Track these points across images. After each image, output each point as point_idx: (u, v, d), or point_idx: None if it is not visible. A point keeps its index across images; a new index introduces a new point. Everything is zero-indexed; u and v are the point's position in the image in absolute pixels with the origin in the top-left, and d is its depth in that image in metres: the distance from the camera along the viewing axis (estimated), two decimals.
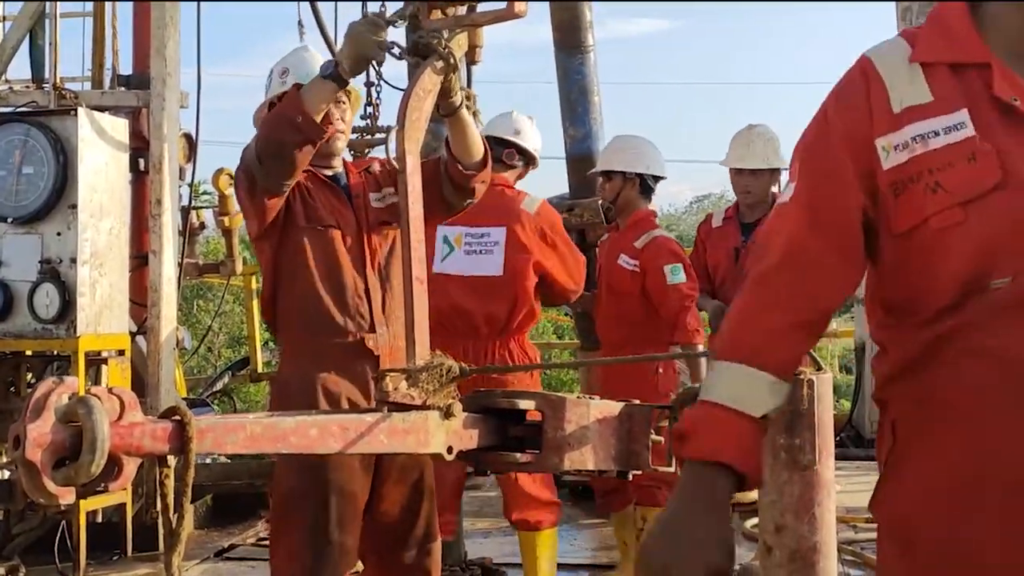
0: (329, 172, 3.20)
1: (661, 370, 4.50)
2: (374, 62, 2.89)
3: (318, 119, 2.91)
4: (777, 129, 5.17)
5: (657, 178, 4.82)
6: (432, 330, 3.93)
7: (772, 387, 1.61)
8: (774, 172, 5.09)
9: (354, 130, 6.34)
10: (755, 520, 5.20)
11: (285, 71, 3.24)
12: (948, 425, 1.53)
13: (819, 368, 2.16)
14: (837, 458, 2.28)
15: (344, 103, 3.21)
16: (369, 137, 6.18)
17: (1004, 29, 1.55)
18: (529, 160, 4.25)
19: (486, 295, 3.93)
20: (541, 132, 4.37)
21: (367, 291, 3.10)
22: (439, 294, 3.82)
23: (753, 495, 5.62)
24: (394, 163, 3.42)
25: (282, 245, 3.10)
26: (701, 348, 4.47)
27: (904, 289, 1.57)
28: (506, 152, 4.13)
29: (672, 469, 2.55)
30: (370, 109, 6.15)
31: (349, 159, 4.96)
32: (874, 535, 5.87)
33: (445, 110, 2.87)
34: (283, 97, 3.07)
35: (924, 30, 1.62)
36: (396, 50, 2.80)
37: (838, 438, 6.47)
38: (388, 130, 5.93)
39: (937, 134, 1.52)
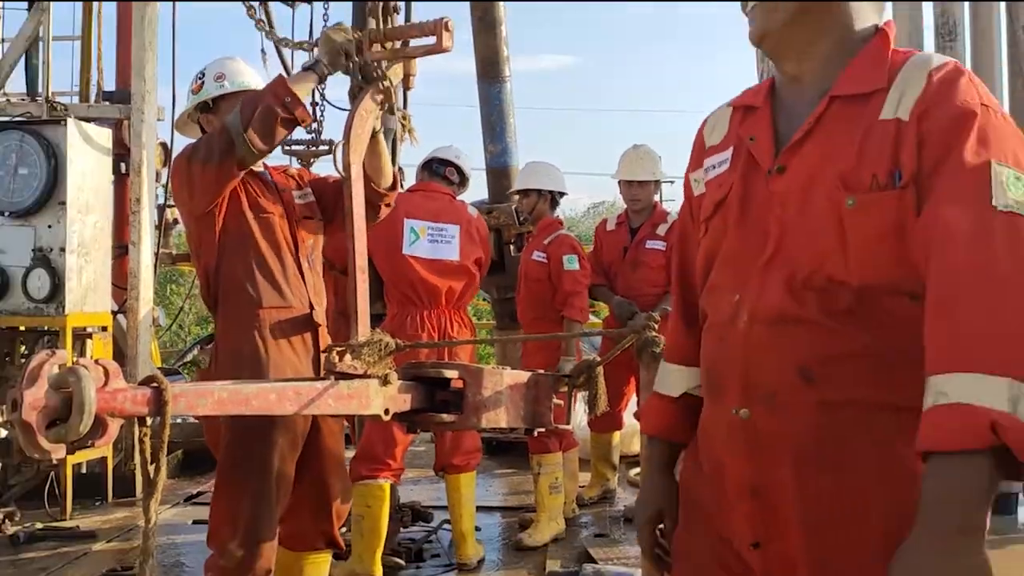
0: (258, 169, 3.04)
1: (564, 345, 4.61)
2: (321, 88, 2.84)
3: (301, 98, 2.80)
4: (657, 147, 5.27)
5: (562, 194, 5.01)
6: (401, 300, 4.02)
7: (680, 373, 1.65)
8: (657, 183, 5.19)
9: (300, 143, 6.28)
10: (638, 469, 5.30)
11: (221, 75, 3.07)
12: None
13: None
14: None
15: None
16: (314, 148, 6.13)
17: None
18: (463, 180, 4.36)
19: (447, 274, 4.11)
20: (465, 148, 4.52)
21: (301, 273, 3.00)
22: (410, 272, 4.03)
23: (637, 447, 5.71)
24: (310, 172, 3.40)
25: (227, 224, 2.90)
26: (582, 328, 4.75)
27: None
28: (448, 169, 4.30)
29: (570, 427, 2.60)
30: (315, 125, 6.12)
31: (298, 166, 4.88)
32: None
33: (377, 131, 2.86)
34: (222, 97, 3.01)
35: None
36: (348, 63, 2.77)
37: None
38: (330, 143, 5.88)
39: (715, 167, 1.55)
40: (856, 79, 1.39)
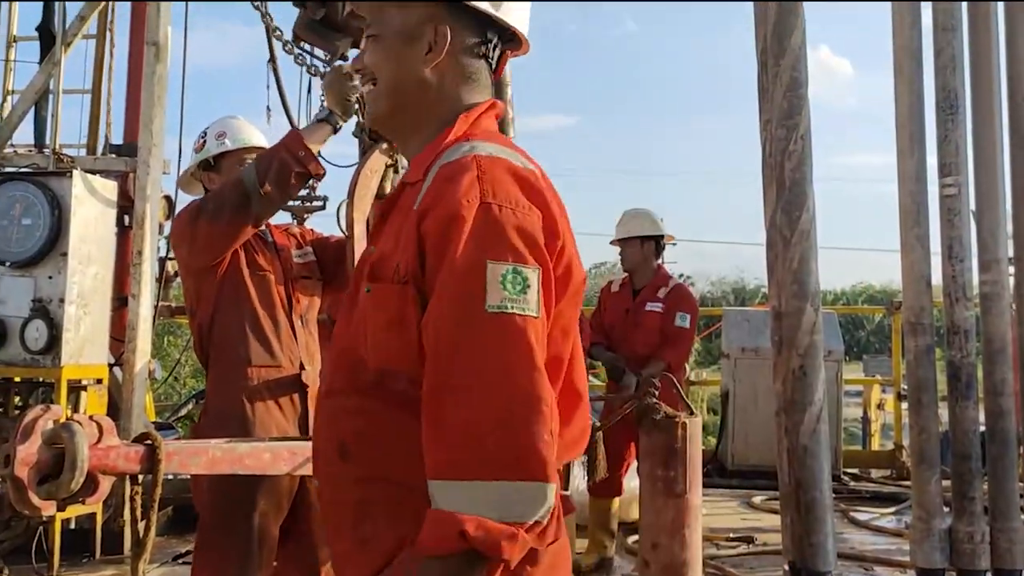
0: (260, 228, 3.04)
1: None
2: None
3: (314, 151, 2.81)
4: (660, 209, 5.33)
5: None
6: None
7: None
8: (645, 241, 5.21)
9: (294, 198, 6.31)
10: (636, 537, 5.23)
11: (223, 134, 3.10)
12: None
13: (691, 413, 2.20)
14: (704, 487, 2.31)
15: None
16: (308, 204, 6.16)
17: None
18: None
19: None
20: None
21: (294, 333, 2.99)
22: None
23: (635, 514, 5.66)
24: (313, 232, 3.41)
25: (224, 280, 2.91)
26: None
27: None
28: None
29: (567, 492, 2.57)
30: (310, 180, 6.15)
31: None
32: (733, 551, 5.86)
33: (378, 192, 2.87)
34: (223, 155, 3.04)
35: None
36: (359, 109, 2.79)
37: (705, 469, 6.57)
38: (324, 199, 5.91)
39: None
40: (415, 166, 1.44)
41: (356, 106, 2.79)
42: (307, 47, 3.37)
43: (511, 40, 1.53)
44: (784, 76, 4.63)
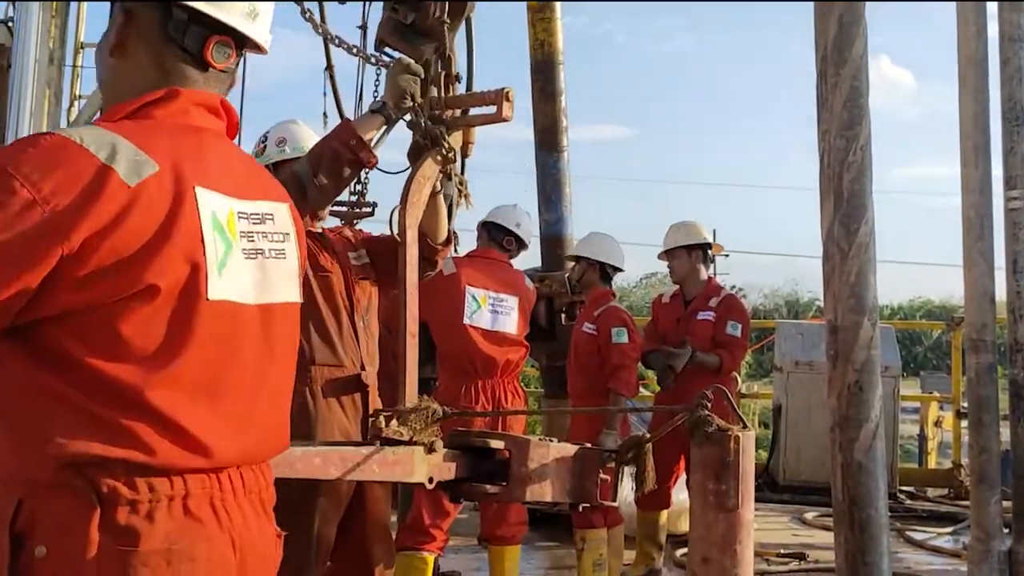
0: (316, 229, 3.07)
1: None
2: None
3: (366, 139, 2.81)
4: (713, 221, 5.27)
5: (616, 268, 4.96)
6: (455, 370, 4.02)
7: None
8: (691, 251, 5.16)
9: (344, 203, 6.36)
10: (684, 550, 5.17)
11: (283, 140, 3.11)
12: None
13: (744, 426, 2.16)
14: (755, 501, 2.27)
15: None
16: (357, 210, 6.20)
17: None
18: (522, 246, 4.38)
19: (505, 346, 4.13)
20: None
21: (355, 334, 3.01)
22: (468, 342, 4.02)
23: (685, 527, 5.59)
24: (362, 232, 3.44)
25: None
26: (626, 401, 4.68)
27: None
28: (507, 239, 4.30)
29: (615, 504, 2.55)
30: (359, 187, 6.21)
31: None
32: (785, 567, 5.78)
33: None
34: (284, 161, 3.05)
35: None
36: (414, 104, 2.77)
37: (756, 484, 6.49)
38: (374, 205, 5.94)
39: None
40: None
41: (410, 102, 2.78)
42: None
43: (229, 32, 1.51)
44: (844, 86, 4.55)
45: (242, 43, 1.55)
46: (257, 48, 1.58)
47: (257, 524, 1.44)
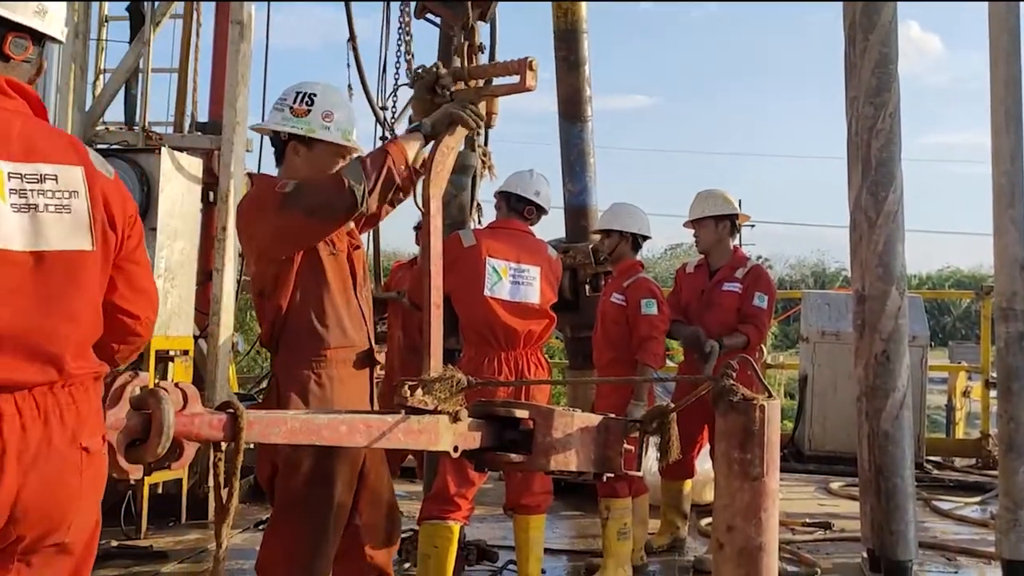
0: None
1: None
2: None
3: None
4: (738, 191, 5.20)
5: (645, 237, 4.94)
6: (478, 341, 4.02)
7: None
8: (719, 221, 5.09)
9: None
10: (709, 519, 5.18)
11: (329, 115, 2.94)
12: None
13: (770, 396, 2.15)
14: (780, 471, 2.27)
15: None
16: None
17: None
18: (542, 212, 4.35)
19: (527, 317, 4.08)
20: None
21: (361, 309, 2.98)
22: (489, 314, 3.99)
23: (709, 497, 5.58)
24: None
25: (303, 263, 2.86)
26: (655, 372, 4.62)
27: None
28: (527, 208, 4.26)
29: (640, 473, 2.56)
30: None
31: None
32: (810, 536, 5.78)
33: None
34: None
35: None
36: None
37: (782, 454, 6.48)
38: None
39: None
40: None
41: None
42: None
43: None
44: (873, 52, 4.49)
45: (40, 38, 1.90)
46: (54, 39, 1.93)
47: (45, 435, 1.69)
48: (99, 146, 5.57)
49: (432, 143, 2.84)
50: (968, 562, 4.96)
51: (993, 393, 6.09)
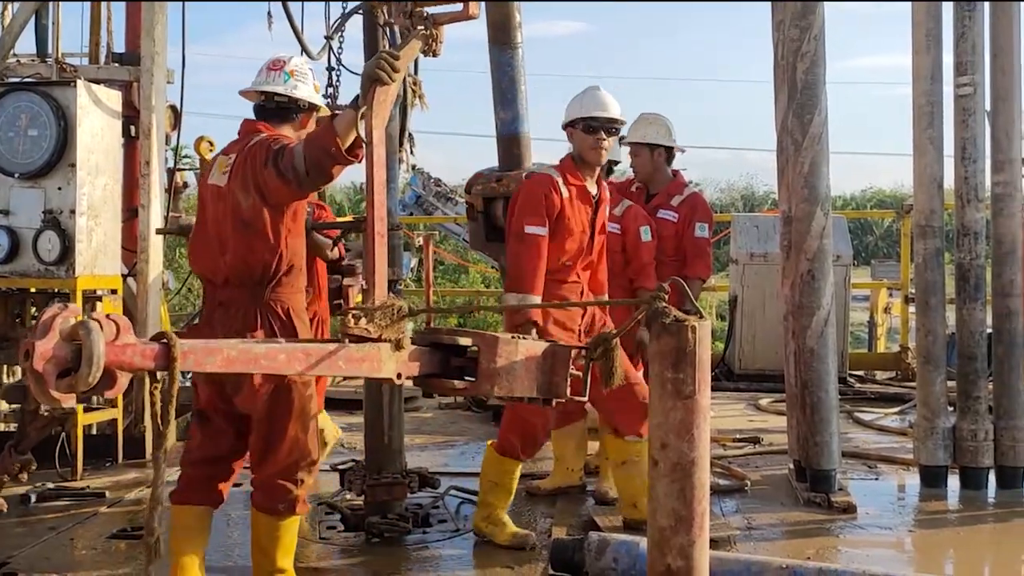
0: None
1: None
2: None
3: (346, 145, 2.89)
4: (669, 116, 5.15)
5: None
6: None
7: None
8: (654, 149, 5.05)
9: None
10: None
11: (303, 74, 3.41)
12: None
13: (700, 316, 2.20)
14: (712, 390, 2.34)
15: None
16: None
17: None
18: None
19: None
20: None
21: None
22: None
23: None
24: None
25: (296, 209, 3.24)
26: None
27: None
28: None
29: (585, 399, 2.60)
30: (331, 90, 6.09)
31: None
32: (740, 451, 5.93)
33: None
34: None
35: None
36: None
37: (713, 373, 6.62)
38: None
39: None
40: None
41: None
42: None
43: None
44: None
45: None
46: None
47: None
48: (11, 79, 5.33)
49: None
50: (888, 469, 5.19)
51: (912, 308, 6.32)
